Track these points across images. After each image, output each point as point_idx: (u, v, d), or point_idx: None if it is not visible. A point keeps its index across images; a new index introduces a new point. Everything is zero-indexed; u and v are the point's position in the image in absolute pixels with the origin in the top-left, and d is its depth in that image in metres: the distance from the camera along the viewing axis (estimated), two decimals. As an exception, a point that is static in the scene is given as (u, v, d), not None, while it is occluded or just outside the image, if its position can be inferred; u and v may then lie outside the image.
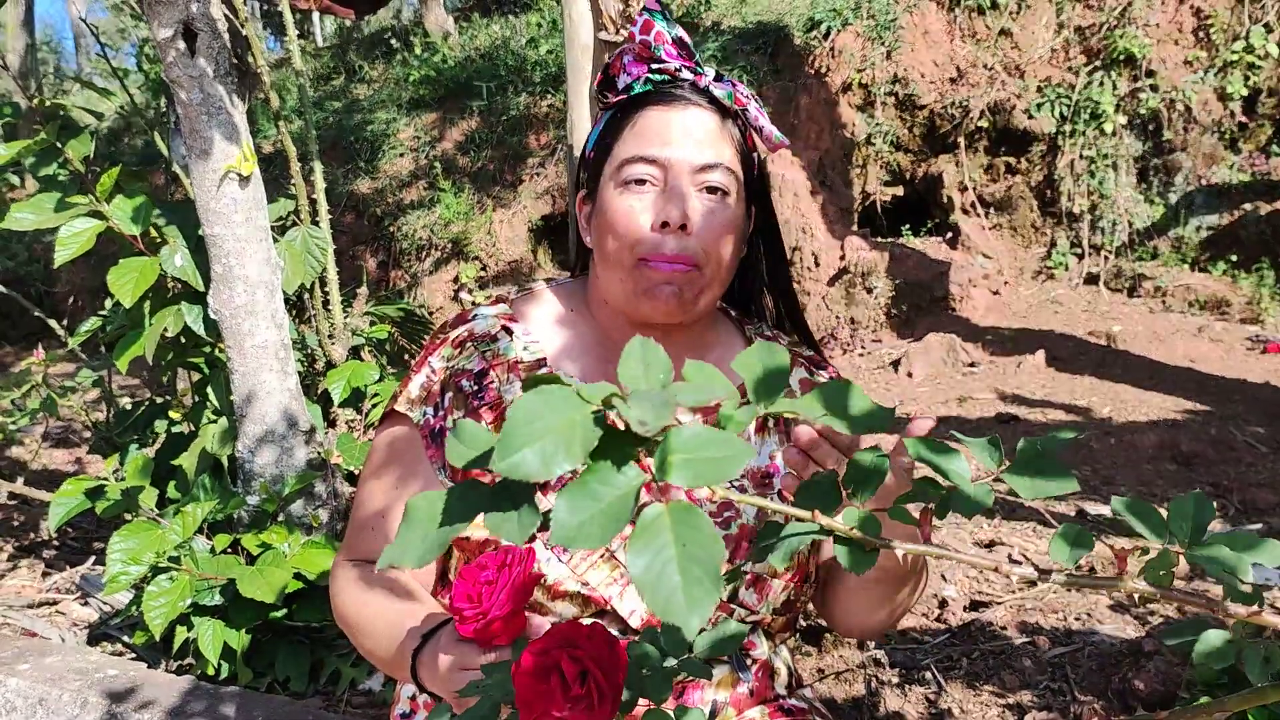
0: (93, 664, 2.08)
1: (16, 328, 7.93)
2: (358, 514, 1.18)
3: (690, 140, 1.09)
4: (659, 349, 0.46)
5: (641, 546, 0.39)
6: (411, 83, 8.99)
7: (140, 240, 2.37)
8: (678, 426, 0.42)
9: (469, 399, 1.14)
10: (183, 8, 2.08)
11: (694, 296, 1.11)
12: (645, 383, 0.44)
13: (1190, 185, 6.06)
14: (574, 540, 0.39)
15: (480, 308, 1.22)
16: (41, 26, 26.67)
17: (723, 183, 1.10)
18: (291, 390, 2.32)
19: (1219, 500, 3.28)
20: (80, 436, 4.82)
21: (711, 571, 0.38)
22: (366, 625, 1.07)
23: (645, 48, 1.13)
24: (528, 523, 0.44)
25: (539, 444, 0.39)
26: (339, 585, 1.14)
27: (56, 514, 2.30)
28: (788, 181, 6.41)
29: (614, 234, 1.09)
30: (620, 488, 0.41)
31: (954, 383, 4.92)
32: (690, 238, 1.08)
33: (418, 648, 0.96)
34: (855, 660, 2.37)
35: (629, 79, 1.15)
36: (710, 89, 1.12)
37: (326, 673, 2.25)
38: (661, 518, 0.40)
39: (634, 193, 1.09)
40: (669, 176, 1.09)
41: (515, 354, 1.16)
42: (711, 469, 0.40)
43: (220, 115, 2.15)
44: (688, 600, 0.37)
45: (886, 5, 6.78)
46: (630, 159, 1.10)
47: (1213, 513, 0.53)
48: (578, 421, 0.40)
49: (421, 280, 7.33)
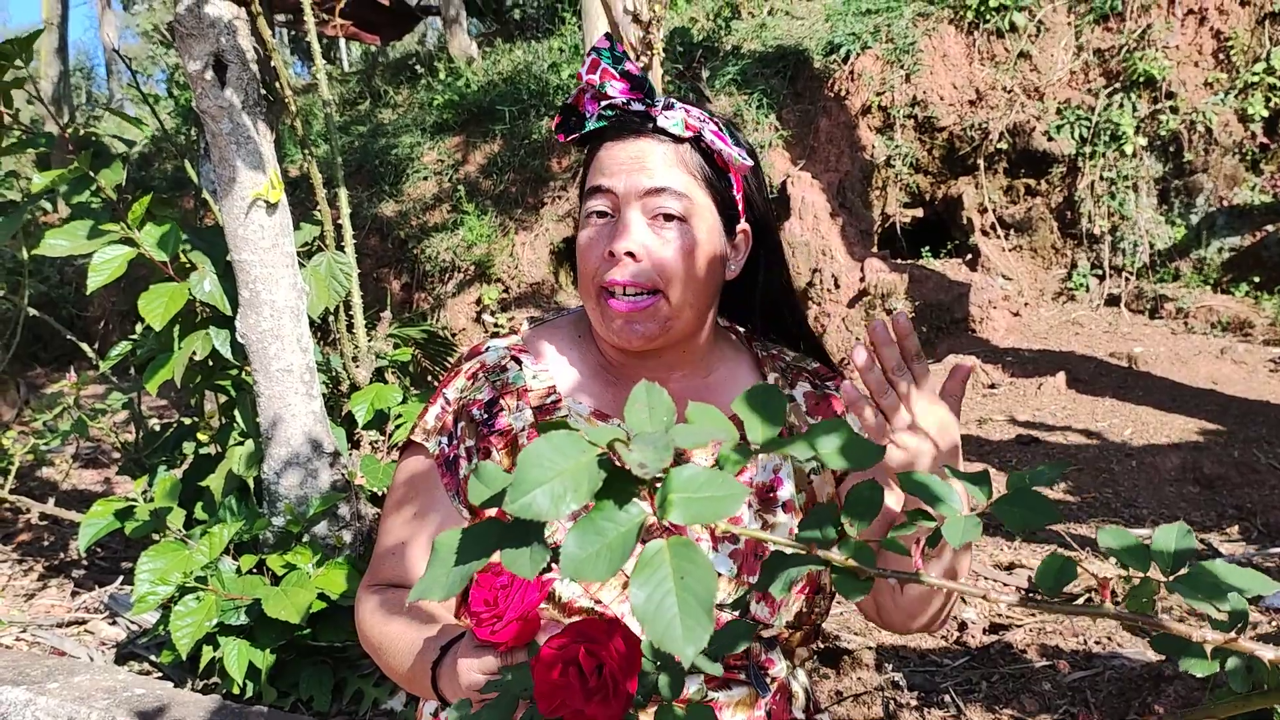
0: (120, 683, 2.12)
1: (48, 350, 8.05)
2: (380, 542, 1.22)
3: (637, 167, 1.13)
4: (663, 392, 0.49)
5: (644, 579, 0.42)
6: (435, 107, 9.10)
7: (170, 266, 2.43)
8: (678, 467, 0.45)
9: (479, 427, 1.18)
10: (213, 40, 2.14)
11: (660, 325, 1.14)
12: (650, 425, 0.47)
13: (1211, 206, 6.04)
14: (582, 573, 0.42)
15: (492, 341, 1.27)
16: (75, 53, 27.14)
17: (675, 208, 1.12)
18: (316, 413, 2.36)
19: (1242, 523, 3.26)
20: (110, 457, 4.89)
21: (705, 604, 0.41)
22: (389, 646, 1.10)
23: (591, 87, 1.17)
24: (539, 558, 0.47)
25: (549, 485, 0.42)
26: (363, 611, 1.18)
27: (86, 534, 2.35)
28: (808, 204, 6.44)
29: (579, 266, 1.16)
30: (624, 524, 0.44)
31: (974, 404, 4.92)
32: (642, 263, 1.11)
33: (437, 659, 0.99)
34: (874, 683, 2.37)
35: (586, 117, 1.19)
36: (658, 119, 1.15)
37: (349, 692, 2.28)
38: (661, 552, 0.43)
39: (593, 225, 1.15)
40: (621, 204, 1.13)
41: (524, 383, 1.20)
42: (710, 508, 0.42)
43: (249, 144, 2.20)
44: (684, 630, 0.40)
45: (905, 29, 6.81)
46: (587, 191, 1.17)
47: (1194, 544, 0.55)
48: (584, 464, 0.43)
49: (445, 302, 7.40)
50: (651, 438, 0.44)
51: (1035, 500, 0.54)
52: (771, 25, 7.81)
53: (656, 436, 0.44)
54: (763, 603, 1.15)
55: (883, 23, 6.96)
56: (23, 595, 3.11)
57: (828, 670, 2.42)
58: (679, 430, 0.46)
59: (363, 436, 2.90)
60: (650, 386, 0.51)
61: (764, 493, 1.19)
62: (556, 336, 1.27)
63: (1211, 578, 0.51)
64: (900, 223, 6.76)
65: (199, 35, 2.13)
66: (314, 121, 9.34)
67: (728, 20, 8.17)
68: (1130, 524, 3.31)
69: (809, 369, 1.30)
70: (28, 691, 2.06)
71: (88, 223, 2.42)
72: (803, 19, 7.78)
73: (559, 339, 1.26)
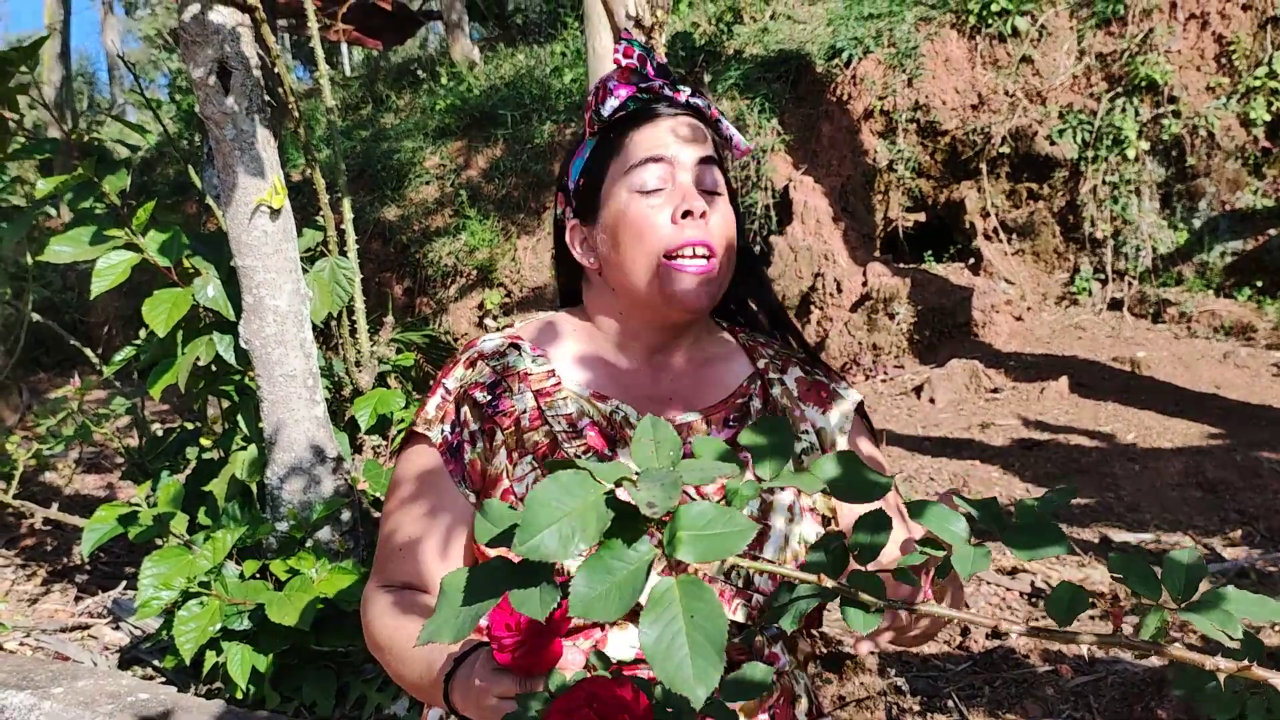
0: (124, 687, 2.12)
1: (51, 355, 8.06)
2: (385, 539, 1.20)
3: (689, 138, 1.19)
4: (668, 427, 0.49)
5: (654, 619, 0.42)
6: (438, 111, 9.10)
7: (173, 271, 2.43)
8: (685, 504, 0.44)
9: (484, 409, 1.19)
10: (217, 47, 2.14)
11: (716, 288, 1.19)
12: (656, 461, 0.47)
13: (1214, 211, 6.03)
14: (591, 612, 0.42)
15: (488, 335, 1.29)
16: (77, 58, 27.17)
17: (718, 182, 1.20)
18: (319, 418, 2.36)
19: (1245, 528, 3.26)
20: (113, 462, 4.90)
21: (716, 643, 0.41)
22: (398, 650, 1.09)
23: (630, 70, 1.22)
24: (549, 598, 0.47)
25: (557, 526, 0.42)
26: (371, 611, 1.16)
27: (90, 539, 2.35)
28: (810, 208, 6.44)
29: (638, 238, 1.17)
30: (633, 562, 0.44)
31: (977, 409, 4.91)
32: (708, 226, 1.16)
33: (451, 671, 0.99)
34: (876, 688, 2.37)
35: (617, 101, 1.22)
36: (690, 101, 1.23)
37: (352, 697, 2.28)
38: (671, 591, 0.43)
39: (647, 198, 1.17)
40: (677, 173, 1.17)
41: (524, 366, 1.22)
42: (718, 545, 0.42)
43: (252, 151, 2.21)
44: (695, 671, 0.40)
45: (907, 33, 6.81)
46: (638, 163, 1.18)
47: (1205, 571, 0.55)
48: (591, 504, 0.43)
49: (447, 307, 7.40)
50: (659, 475, 0.44)
51: (1044, 529, 0.54)
52: (773, 29, 7.81)
53: (664, 474, 0.44)
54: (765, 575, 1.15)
55: (885, 27, 6.96)
56: (26, 600, 3.11)
57: (830, 675, 2.42)
58: (686, 466, 0.46)
59: (365, 441, 2.91)
60: (656, 421, 0.51)
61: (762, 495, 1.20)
62: (551, 326, 1.29)
63: (1223, 605, 0.51)
64: (902, 227, 6.76)
65: (203, 42, 2.13)
66: (316, 126, 9.35)
67: (730, 25, 8.17)
68: (1133, 529, 3.31)
69: (798, 356, 1.32)
70: (32, 696, 2.06)
71: (91, 228, 2.43)
72: (805, 23, 7.78)
73: (555, 328, 1.28)
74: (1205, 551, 3.11)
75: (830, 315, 6.10)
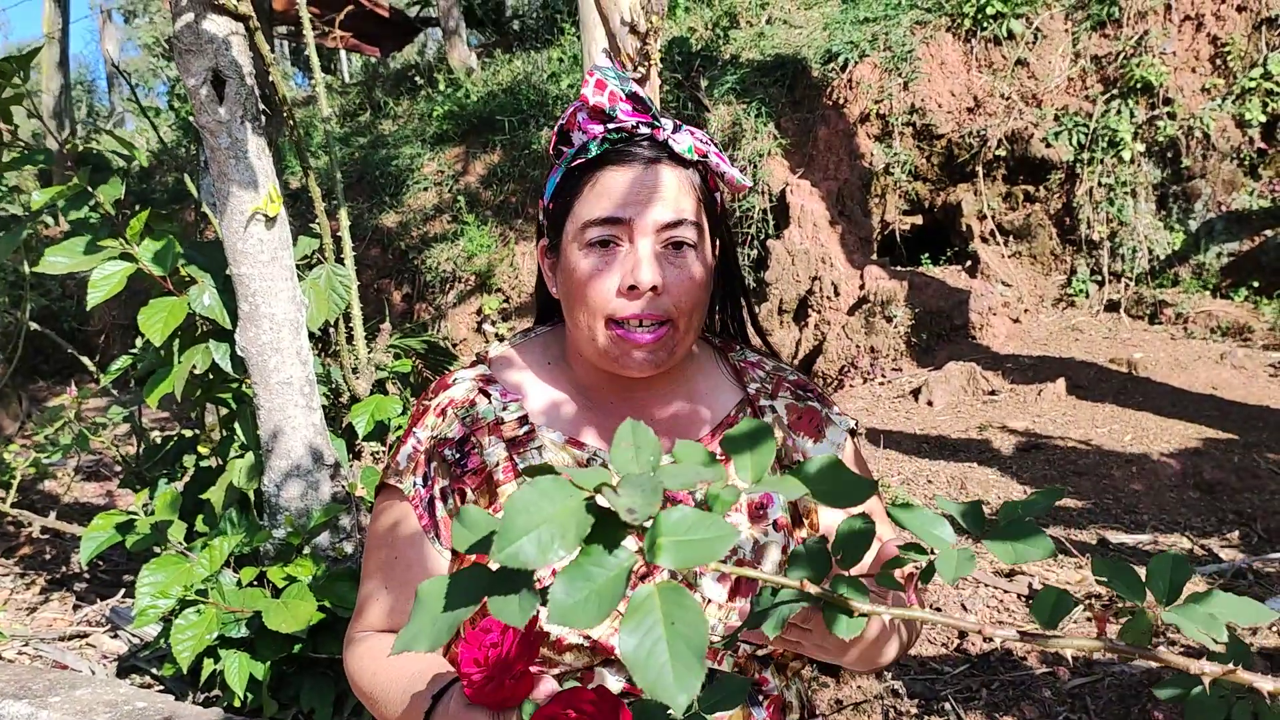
0: (122, 696, 2.12)
1: (50, 363, 8.06)
2: (363, 587, 1.20)
3: (654, 198, 1.08)
4: (649, 431, 0.48)
5: (633, 626, 0.42)
6: (435, 118, 9.12)
7: (169, 280, 2.43)
8: (666, 510, 0.45)
9: (452, 468, 1.15)
10: (211, 56, 2.15)
11: (670, 353, 1.11)
12: (636, 466, 0.47)
13: (1210, 212, 6.04)
14: (570, 619, 0.42)
15: (460, 371, 1.23)
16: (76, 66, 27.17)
17: (689, 237, 1.09)
18: (316, 425, 2.36)
19: (1243, 528, 3.26)
20: (111, 470, 4.89)
21: (697, 650, 0.41)
22: (380, 694, 1.09)
23: (598, 109, 1.12)
24: (528, 605, 0.47)
25: (536, 533, 0.42)
26: (351, 660, 1.16)
27: (88, 548, 2.35)
28: (807, 212, 6.45)
29: (582, 298, 1.09)
30: (612, 569, 0.44)
31: (974, 411, 4.92)
32: (660, 298, 1.08)
33: (429, 710, 0.98)
34: (873, 691, 2.37)
35: (585, 138, 1.13)
36: (670, 143, 1.11)
37: (350, 704, 2.28)
38: (651, 598, 0.43)
39: (599, 255, 1.08)
40: (634, 235, 1.08)
41: (494, 415, 1.17)
42: (699, 550, 0.42)
43: (247, 159, 2.21)
44: (676, 678, 0.40)
45: (903, 37, 6.83)
46: (593, 221, 1.08)
47: (1190, 572, 0.56)
48: (571, 509, 0.43)
49: (446, 313, 7.41)
50: (639, 480, 0.44)
51: (1028, 531, 0.54)
52: (770, 34, 7.82)
53: (644, 479, 0.44)
54: None
55: (880, 31, 6.97)
56: (24, 609, 3.11)
57: (827, 679, 2.42)
58: (666, 472, 0.46)
59: (364, 448, 2.91)
60: (636, 425, 0.50)
61: (755, 510, 1.19)
62: (526, 361, 1.23)
63: (1206, 607, 0.51)
64: (899, 230, 6.77)
65: (197, 51, 2.14)
66: (314, 134, 9.36)
67: (726, 29, 8.19)
68: (1131, 530, 3.31)
69: (790, 380, 1.27)
70: (30, 705, 2.06)
71: (86, 238, 2.43)
72: (801, 28, 7.79)
73: (529, 364, 1.22)
74: (1203, 552, 3.11)
75: (828, 318, 6.10)
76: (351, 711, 2.29)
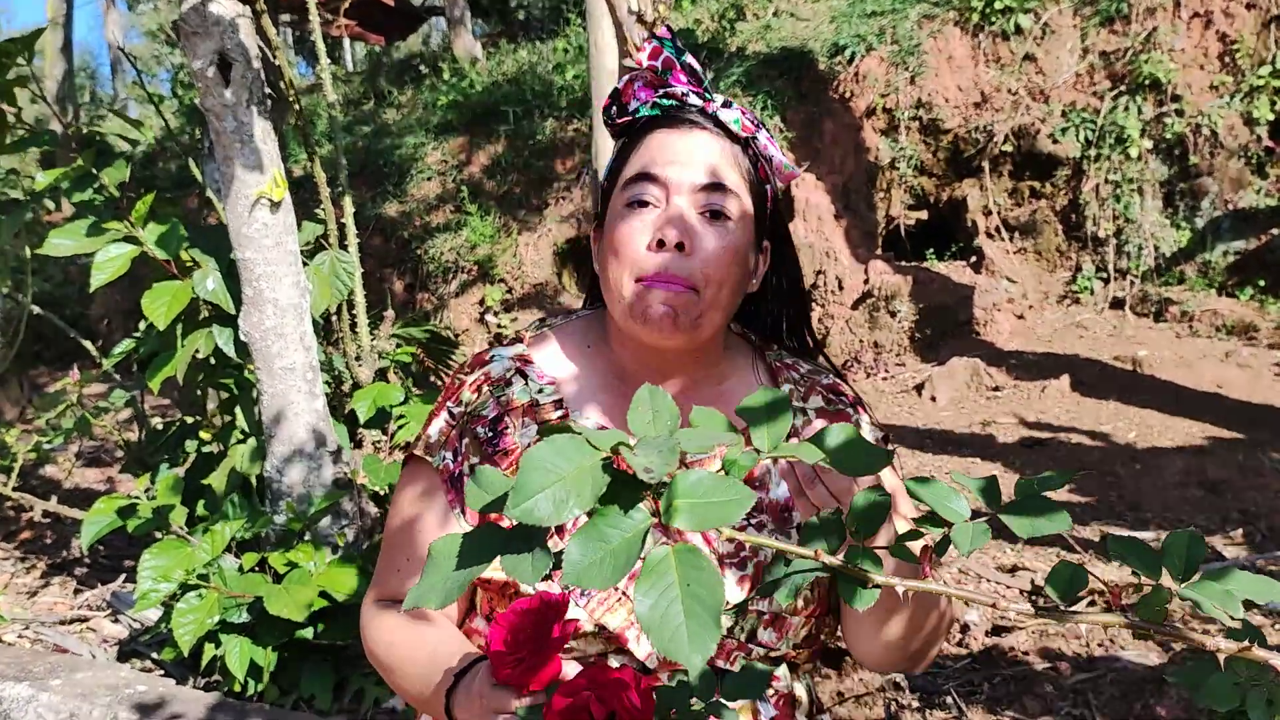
0: (122, 680, 2.12)
1: (51, 348, 8.06)
2: (385, 555, 1.19)
3: (693, 161, 1.09)
4: (667, 396, 0.48)
5: (648, 587, 0.41)
6: (440, 107, 9.10)
7: (173, 264, 2.43)
8: (683, 472, 0.44)
9: (484, 446, 1.13)
10: (217, 39, 2.14)
11: (691, 321, 1.09)
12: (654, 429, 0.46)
13: (1217, 210, 6.03)
14: (584, 580, 0.42)
15: (498, 349, 1.21)
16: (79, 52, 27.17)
17: (725, 206, 1.09)
18: (319, 411, 2.36)
19: (1246, 527, 3.26)
20: (112, 456, 4.90)
21: (713, 611, 0.40)
22: (397, 664, 1.10)
23: (654, 74, 1.14)
24: (541, 564, 0.46)
25: (551, 490, 0.41)
26: (369, 627, 1.16)
27: (89, 532, 2.35)
28: (812, 205, 6.43)
29: (615, 255, 1.09)
30: (628, 530, 0.43)
31: (978, 407, 4.91)
32: (688, 259, 1.07)
33: (451, 686, 0.99)
34: (875, 684, 2.37)
35: (637, 103, 1.15)
36: (718, 114, 1.12)
37: (351, 691, 2.28)
38: (667, 559, 0.42)
39: (636, 214, 1.08)
40: (670, 195, 1.08)
41: (530, 397, 1.15)
42: (715, 513, 0.42)
43: (252, 143, 2.20)
44: (691, 638, 0.39)
45: (910, 30, 6.81)
46: (633, 178, 1.10)
47: (1204, 550, 0.55)
48: (587, 468, 0.42)
49: (448, 302, 7.40)
50: (656, 441, 0.44)
51: (1045, 506, 0.53)
52: (776, 27, 7.80)
53: (661, 440, 0.44)
54: (770, 629, 1.12)
55: (887, 24, 6.95)
56: (25, 593, 3.11)
57: (829, 671, 2.42)
58: (684, 434, 0.45)
59: (365, 435, 2.90)
60: (654, 390, 0.49)
61: (779, 511, 1.17)
62: (565, 344, 1.21)
63: (1223, 584, 0.51)
64: (904, 225, 6.75)
65: (203, 33, 2.13)
66: (318, 121, 9.35)
67: (732, 22, 8.16)
68: (1134, 527, 3.30)
69: (824, 383, 1.25)
70: (30, 688, 2.06)
71: (90, 221, 2.42)
72: (807, 20, 7.77)
73: (567, 347, 1.21)
74: (1207, 550, 3.11)
75: (832, 313, 6.09)
76: (352, 698, 2.28)
